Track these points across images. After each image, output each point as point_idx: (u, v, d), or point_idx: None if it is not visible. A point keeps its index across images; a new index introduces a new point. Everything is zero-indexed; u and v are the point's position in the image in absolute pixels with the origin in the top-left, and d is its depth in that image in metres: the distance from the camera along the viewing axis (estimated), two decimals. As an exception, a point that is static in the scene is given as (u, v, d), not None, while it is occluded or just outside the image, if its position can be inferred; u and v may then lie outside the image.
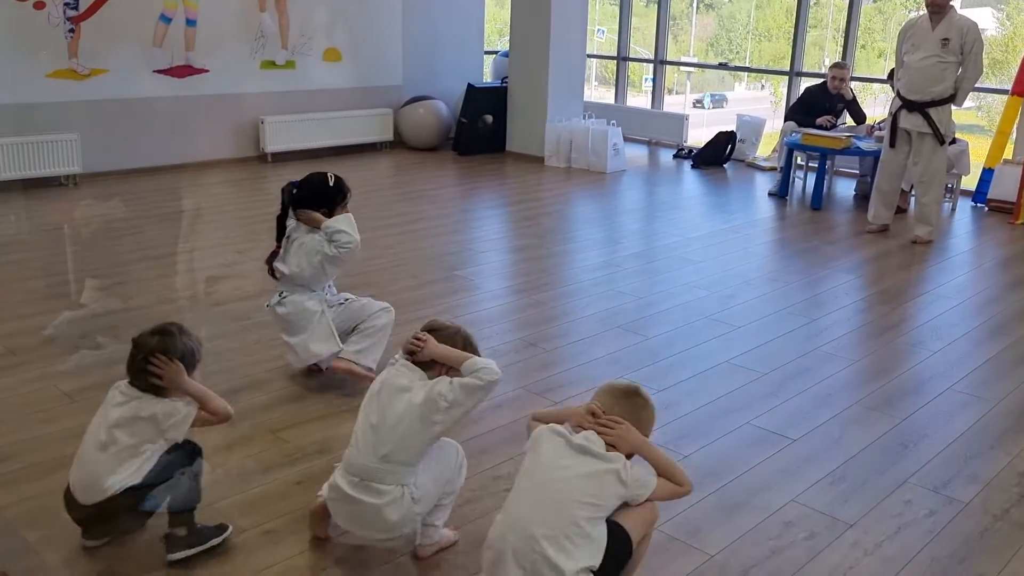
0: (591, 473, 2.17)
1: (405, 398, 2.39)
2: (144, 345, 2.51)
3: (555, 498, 2.14)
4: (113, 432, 2.47)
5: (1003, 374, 4.07)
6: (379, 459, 2.39)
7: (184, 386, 2.52)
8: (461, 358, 2.43)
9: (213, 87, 7.96)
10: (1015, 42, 12.86)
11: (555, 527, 2.10)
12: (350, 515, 2.48)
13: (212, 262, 5.34)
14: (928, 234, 6.29)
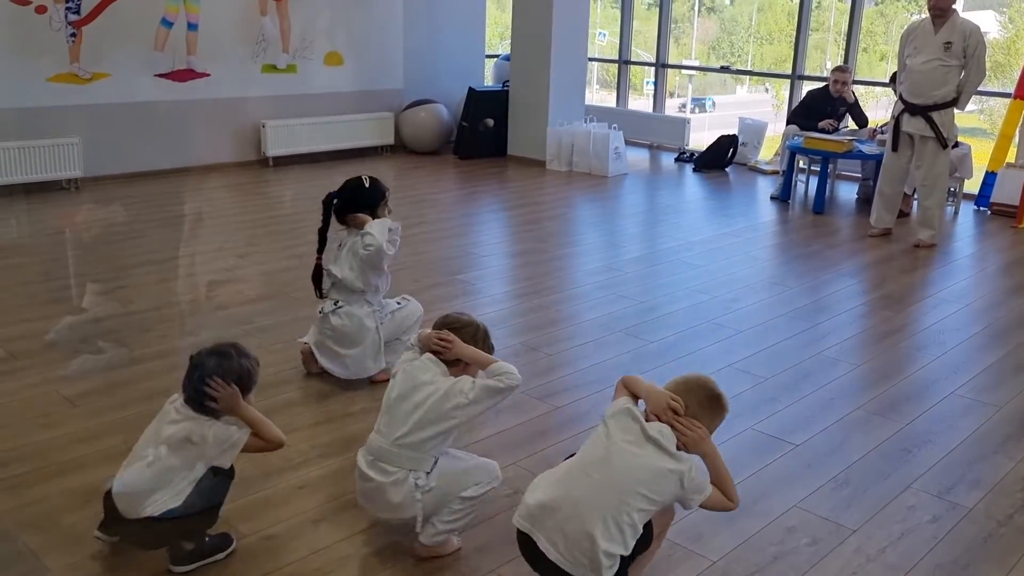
0: (658, 468, 2.20)
1: (426, 390, 2.49)
2: (201, 365, 2.48)
3: (616, 481, 2.18)
4: (161, 450, 2.44)
5: (1005, 379, 4.06)
6: (391, 442, 2.50)
7: (239, 411, 2.49)
8: (486, 361, 2.56)
9: (214, 91, 7.97)
10: (1017, 45, 12.85)
11: (608, 509, 2.15)
12: (363, 491, 2.59)
13: (213, 267, 5.34)
14: (930, 238, 6.28)
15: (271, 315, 4.53)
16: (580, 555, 2.15)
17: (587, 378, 3.90)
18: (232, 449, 2.47)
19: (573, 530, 2.15)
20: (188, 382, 2.49)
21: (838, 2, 13.18)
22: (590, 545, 2.13)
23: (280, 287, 4.96)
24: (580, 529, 2.14)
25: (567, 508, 2.18)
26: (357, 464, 2.58)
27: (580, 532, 2.14)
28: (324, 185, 7.56)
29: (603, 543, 2.13)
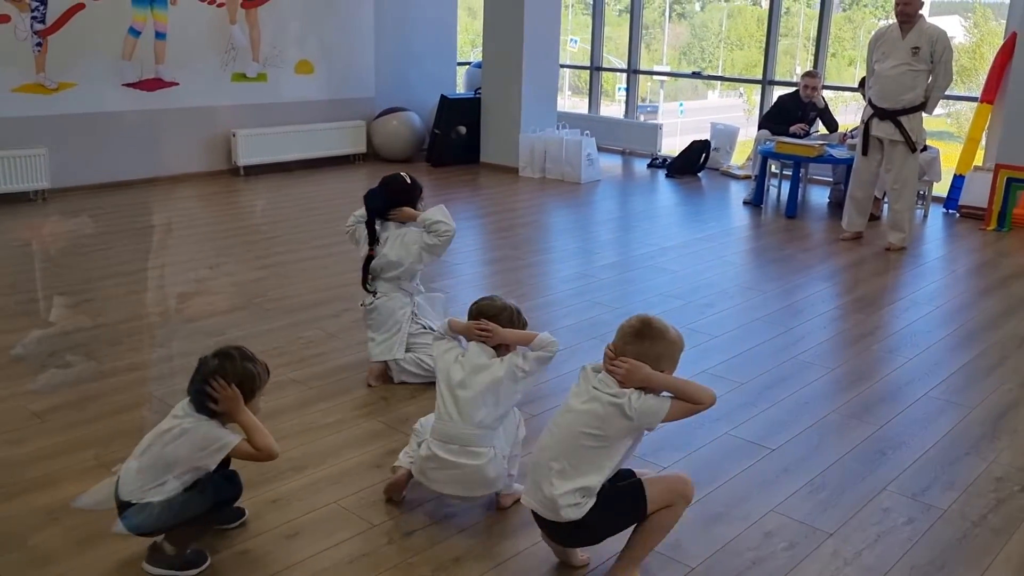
0: (594, 408, 2.41)
1: (487, 373, 2.75)
2: (204, 366, 2.51)
3: (567, 423, 2.45)
4: (156, 441, 2.47)
5: (977, 380, 4.09)
6: (474, 426, 2.72)
7: (237, 414, 2.48)
8: (529, 338, 2.80)
9: (184, 100, 7.89)
10: (982, 49, 13.03)
11: (561, 454, 2.41)
12: (451, 478, 2.76)
13: (184, 278, 5.28)
14: (901, 241, 6.34)
15: (243, 326, 4.47)
16: (543, 496, 2.41)
17: (562, 385, 3.88)
18: (218, 452, 2.45)
19: (540, 474, 2.43)
20: (192, 383, 2.50)
21: (806, 8, 13.31)
22: (548, 483, 2.40)
23: (252, 298, 4.91)
24: (543, 469, 2.42)
25: (538, 458, 2.48)
26: (434, 454, 2.74)
27: (543, 472, 2.42)
28: (296, 194, 7.59)
29: (555, 477, 2.39)
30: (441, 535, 2.76)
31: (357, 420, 3.51)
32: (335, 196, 7.70)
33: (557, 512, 2.38)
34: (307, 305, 4.83)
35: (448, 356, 2.83)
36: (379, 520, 2.82)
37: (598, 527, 2.45)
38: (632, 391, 2.40)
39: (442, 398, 2.79)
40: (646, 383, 2.42)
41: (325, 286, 5.18)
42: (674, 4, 18.10)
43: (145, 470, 2.44)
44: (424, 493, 2.97)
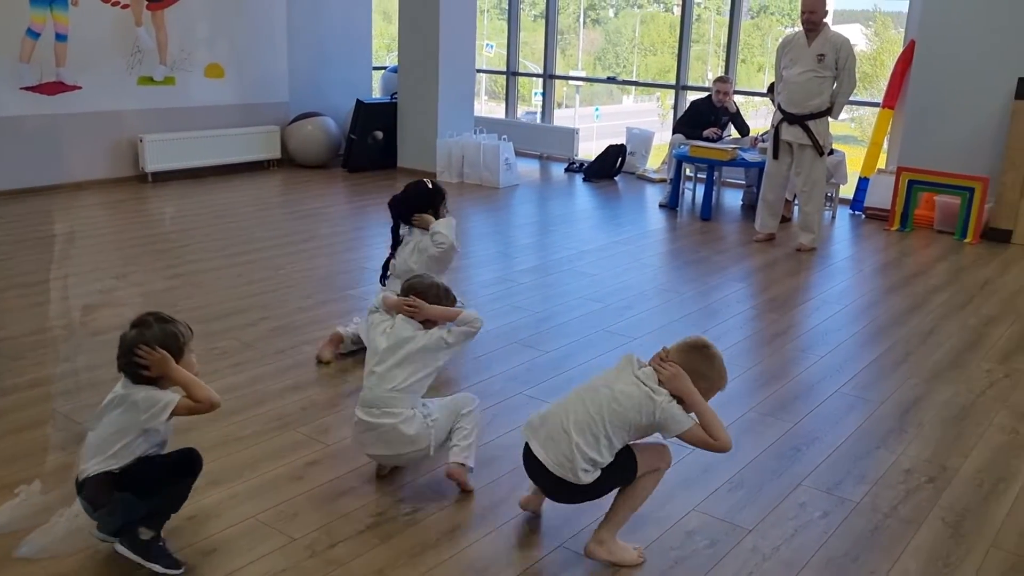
0: (632, 393, 2.58)
1: (411, 345, 2.94)
2: (124, 339, 2.53)
3: (597, 399, 2.60)
4: (99, 416, 2.52)
5: (885, 375, 4.23)
6: (388, 391, 2.92)
7: (171, 373, 2.51)
8: (454, 315, 3.01)
9: (87, 104, 7.62)
10: (883, 57, 13.54)
11: (586, 418, 2.57)
12: (376, 439, 2.95)
13: (89, 289, 5.08)
14: (811, 241, 6.53)
15: (153, 338, 4.32)
16: (562, 456, 2.57)
17: (485, 391, 3.86)
18: (162, 412, 2.47)
19: (556, 432, 2.59)
20: (119, 359, 2.54)
21: (716, 15, 13.62)
22: (568, 444, 2.55)
23: (161, 308, 4.73)
24: (561, 430, 2.58)
25: (556, 417, 2.63)
26: (359, 419, 2.95)
27: (560, 433, 2.58)
28: (207, 201, 7.39)
29: (578, 441, 2.54)
30: (363, 548, 2.71)
31: (276, 431, 3.42)
32: (248, 203, 7.53)
33: (575, 473, 2.56)
34: (221, 315, 4.70)
35: (377, 329, 3.02)
36: (300, 534, 2.76)
37: (597, 487, 2.63)
38: (667, 394, 2.57)
39: (368, 365, 2.99)
40: (683, 394, 2.58)
41: (240, 295, 5.05)
42: (588, 10, 18.30)
43: (98, 442, 2.49)
44: (345, 504, 2.92)
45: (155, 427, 2.50)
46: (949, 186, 7.09)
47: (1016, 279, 5.94)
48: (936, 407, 3.87)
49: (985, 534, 2.90)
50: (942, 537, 2.88)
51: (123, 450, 2.48)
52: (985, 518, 3.00)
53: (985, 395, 4.02)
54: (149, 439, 2.52)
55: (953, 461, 3.38)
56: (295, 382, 3.88)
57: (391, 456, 3.00)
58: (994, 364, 4.40)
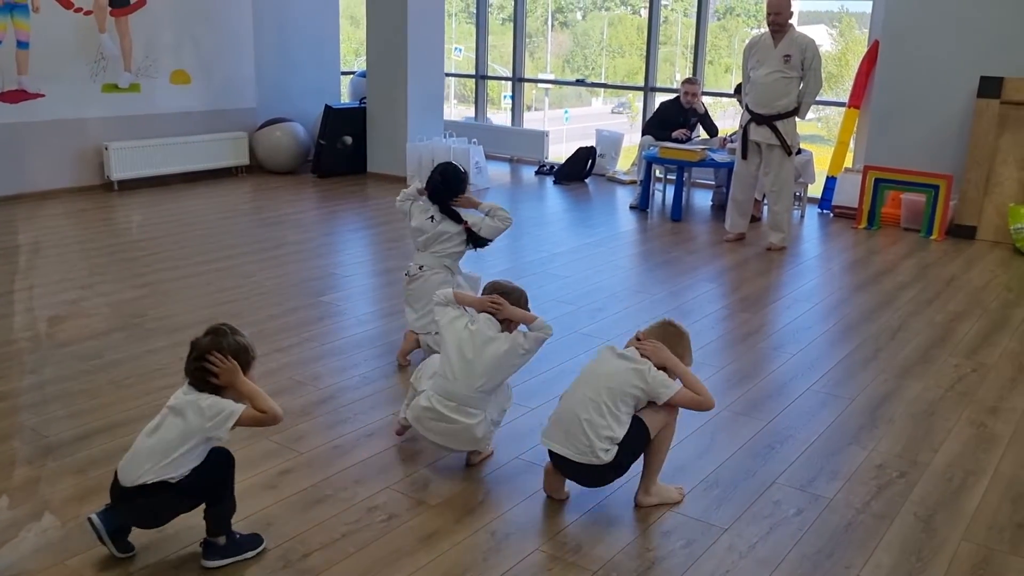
0: (620, 368, 2.91)
1: (493, 346, 3.08)
2: (198, 345, 2.58)
3: (592, 383, 2.91)
4: (164, 420, 2.54)
5: (856, 372, 4.27)
6: (475, 390, 3.07)
7: (238, 385, 2.56)
8: (531, 319, 3.17)
9: (50, 112, 7.51)
10: (847, 57, 13.69)
11: (589, 402, 2.86)
12: (443, 431, 3.10)
13: (55, 300, 5.00)
14: (781, 241, 6.58)
15: (121, 348, 4.27)
16: (582, 445, 2.83)
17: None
18: (227, 420, 2.51)
19: (571, 426, 2.85)
20: (188, 364, 2.58)
21: (683, 17, 13.71)
22: (582, 430, 2.82)
23: (130, 318, 4.69)
24: (574, 420, 2.85)
25: (565, 414, 2.91)
26: (432, 407, 3.08)
27: (575, 423, 2.85)
28: (175, 209, 7.32)
29: (591, 426, 2.82)
30: (338, 556, 2.69)
31: (249, 440, 3.38)
32: (217, 210, 7.46)
33: (597, 455, 2.82)
34: (191, 324, 4.64)
35: (458, 323, 3.16)
36: (274, 543, 2.73)
37: (621, 462, 2.88)
38: (652, 364, 2.91)
39: (448, 359, 3.11)
40: (666, 362, 2.94)
41: (210, 303, 5.00)
42: (556, 13, 18.35)
43: (153, 449, 2.49)
44: (320, 513, 2.89)
45: (218, 435, 2.52)
46: (914, 184, 7.19)
47: (981, 275, 6.03)
48: (906, 403, 3.92)
49: (956, 528, 2.93)
50: (914, 531, 2.91)
51: (182, 457, 2.49)
52: (956, 512, 3.03)
53: (953, 390, 4.07)
54: (208, 444, 2.54)
55: (923, 456, 3.42)
56: (266, 390, 3.80)
57: (451, 448, 3.18)
58: (961, 359, 4.46)
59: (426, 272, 4.13)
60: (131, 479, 2.49)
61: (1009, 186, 6.99)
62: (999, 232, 6.95)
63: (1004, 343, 4.70)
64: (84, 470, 3.12)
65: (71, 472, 3.11)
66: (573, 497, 3.05)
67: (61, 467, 3.14)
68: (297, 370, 4.08)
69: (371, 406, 3.72)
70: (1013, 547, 2.84)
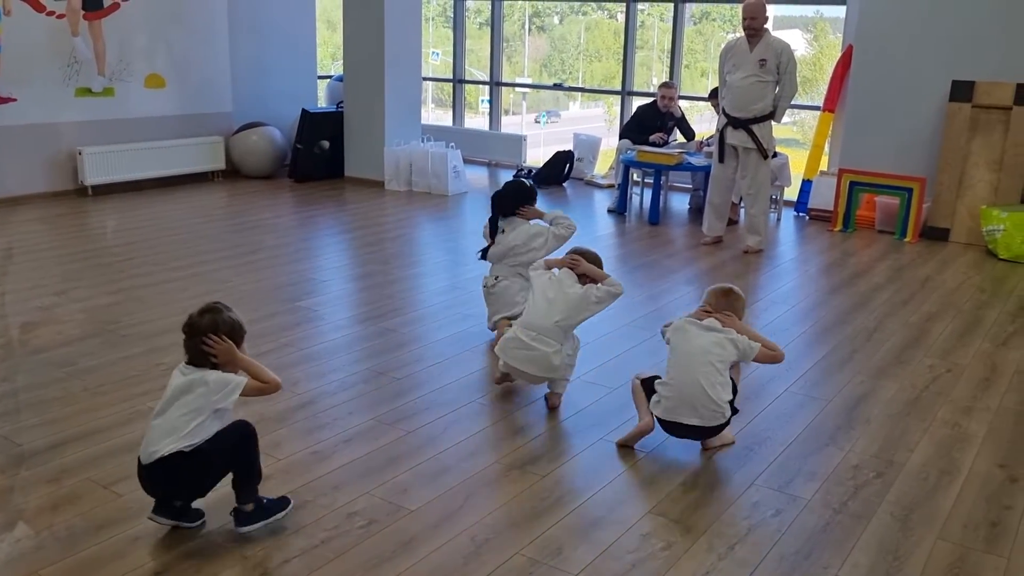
0: (715, 340, 3.36)
1: (570, 291, 3.68)
2: (196, 326, 2.75)
3: (699, 358, 3.32)
4: (170, 402, 2.69)
5: (832, 374, 4.30)
6: (553, 323, 3.65)
7: (237, 361, 2.75)
8: (604, 276, 3.76)
9: (22, 117, 7.43)
10: (822, 61, 13.81)
11: (706, 375, 3.28)
12: (525, 358, 3.66)
13: (28, 306, 4.94)
14: (758, 243, 6.62)
15: (96, 355, 4.22)
16: (708, 411, 3.28)
17: (438, 399, 3.85)
18: (232, 393, 2.69)
19: (695, 398, 3.28)
20: (188, 345, 2.75)
21: (660, 22, 13.78)
22: (709, 399, 3.27)
23: (104, 324, 4.64)
24: (700, 394, 3.28)
25: (687, 388, 3.30)
26: (516, 337, 3.66)
27: (700, 396, 3.28)
28: (150, 214, 7.26)
29: (714, 393, 3.27)
30: (317, 562, 2.67)
31: (224, 447, 3.36)
32: (192, 215, 7.40)
33: (723, 415, 3.33)
34: (166, 330, 4.60)
35: (543, 276, 3.80)
36: (252, 551, 2.71)
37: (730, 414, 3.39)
38: (734, 332, 3.37)
39: (534, 301, 3.75)
40: (742, 329, 3.41)
41: (186, 308, 4.89)
42: (534, 17, 18.39)
43: (169, 426, 2.65)
44: (298, 519, 2.87)
45: (226, 407, 2.69)
46: (888, 187, 7.26)
47: (954, 276, 6.10)
48: (882, 403, 3.95)
49: (932, 526, 2.96)
50: (891, 531, 2.93)
51: (196, 430, 2.65)
52: (931, 511, 3.06)
53: (928, 390, 4.11)
54: (220, 419, 2.70)
55: (900, 456, 3.45)
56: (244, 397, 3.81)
57: (533, 376, 3.69)
58: (936, 359, 4.50)
59: (501, 282, 4.54)
60: (148, 456, 2.66)
61: (981, 188, 7.07)
62: (972, 234, 7.03)
63: (977, 343, 4.75)
64: (58, 479, 3.08)
65: (44, 481, 3.07)
66: (553, 500, 3.05)
67: (34, 476, 3.10)
68: (275, 376, 4.05)
69: (349, 411, 3.70)
70: (988, 545, 2.87)
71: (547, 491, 3.10)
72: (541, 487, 3.14)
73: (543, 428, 3.61)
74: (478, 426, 3.61)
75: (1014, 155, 6.90)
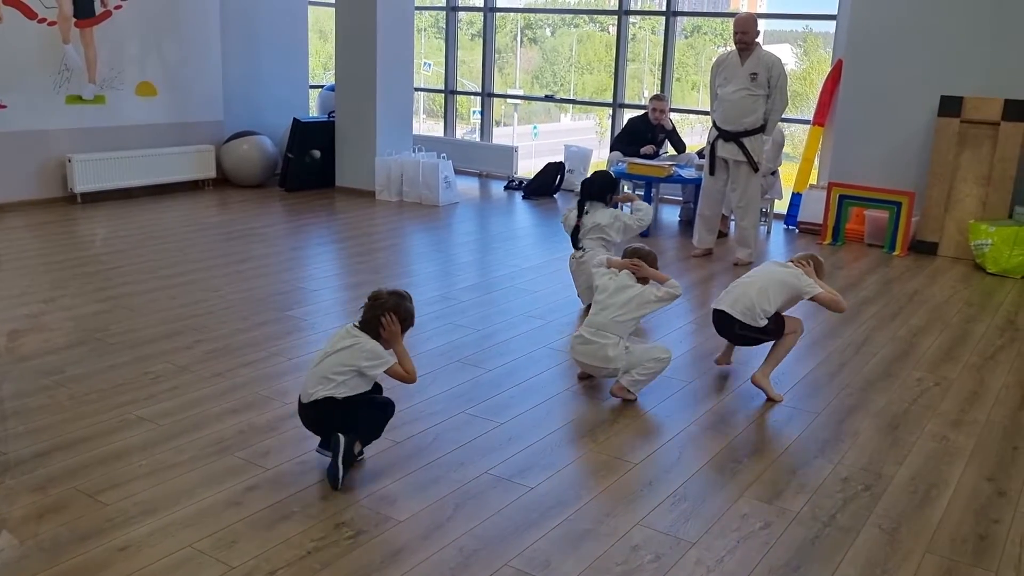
0: (784, 270, 4.19)
1: (629, 291, 4.11)
2: (381, 301, 3.23)
3: (764, 275, 4.19)
4: (329, 353, 3.19)
5: (821, 387, 4.31)
6: (611, 320, 4.06)
7: (396, 344, 3.24)
8: (665, 278, 4.18)
9: (12, 124, 7.40)
10: (812, 76, 13.89)
11: (758, 287, 4.11)
12: (585, 351, 4.10)
13: (15, 314, 4.91)
14: (748, 256, 6.64)
15: (83, 363, 4.20)
16: (747, 309, 4.06)
17: (427, 410, 3.84)
18: (380, 364, 3.18)
19: (743, 297, 4.09)
20: (367, 312, 3.24)
21: (651, 35, 13.84)
22: (752, 302, 4.05)
23: (92, 332, 4.62)
24: (746, 295, 4.09)
25: (741, 288, 4.15)
26: (580, 335, 4.13)
27: (747, 298, 4.08)
28: (139, 222, 7.24)
29: (757, 300, 4.05)
30: (303, 573, 2.65)
31: (212, 456, 3.34)
32: (182, 223, 7.38)
33: (755, 319, 4.04)
34: (155, 338, 4.59)
35: (605, 276, 4.22)
36: (238, 562, 2.69)
37: (766, 331, 4.09)
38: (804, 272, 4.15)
39: (597, 300, 4.17)
40: (815, 278, 4.17)
41: (175, 317, 4.94)
42: (526, 29, 18.46)
43: (323, 375, 3.16)
44: (285, 530, 2.86)
45: (370, 373, 3.19)
46: (878, 200, 7.29)
47: (943, 290, 6.12)
48: (871, 416, 3.96)
49: (920, 540, 2.96)
50: (879, 544, 2.93)
51: (342, 384, 3.14)
52: (920, 524, 3.06)
53: (917, 403, 4.12)
54: (363, 380, 3.19)
55: (888, 469, 3.46)
56: (233, 406, 3.80)
57: (591, 367, 4.12)
58: (924, 373, 4.52)
59: (588, 253, 5.17)
60: (306, 397, 3.19)
61: (969, 203, 7.12)
62: (960, 248, 7.07)
63: (965, 357, 4.77)
64: (43, 487, 3.06)
65: (29, 490, 3.04)
66: (542, 511, 3.04)
67: (19, 484, 3.08)
68: (263, 385, 4.04)
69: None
70: (976, 558, 2.87)
71: (536, 502, 3.10)
72: (530, 498, 3.13)
73: (532, 439, 3.60)
74: (467, 437, 3.60)
75: (1002, 170, 6.95)
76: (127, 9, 8.05)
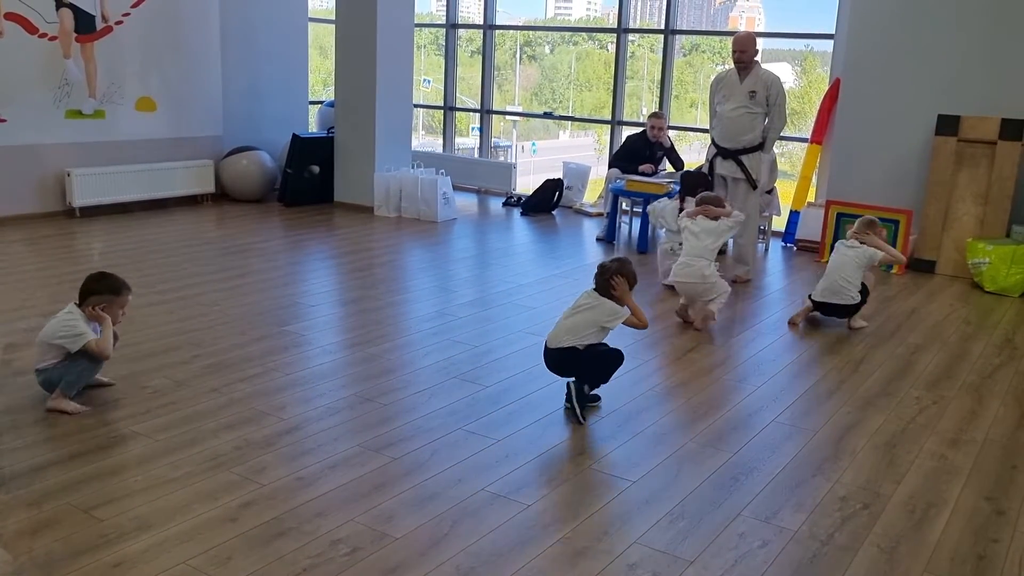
0: (856, 251, 5.43)
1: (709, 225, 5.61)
2: (606, 268, 4.03)
3: (842, 262, 5.44)
4: (575, 311, 4.02)
5: (819, 404, 4.31)
6: (703, 247, 5.50)
7: (628, 300, 4.02)
8: (727, 213, 5.71)
9: (12, 138, 7.41)
10: (810, 95, 13.96)
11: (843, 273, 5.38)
12: (685, 272, 5.43)
13: (13, 328, 4.90)
14: (746, 273, 6.64)
15: (80, 377, 4.18)
16: (841, 290, 5.37)
17: (425, 426, 3.83)
18: (616, 320, 3.97)
19: (835, 285, 5.40)
20: (598, 279, 4.03)
21: (650, 53, 13.91)
22: (848, 284, 5.36)
23: (90, 346, 4.59)
24: (839, 281, 5.39)
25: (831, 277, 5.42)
26: (682, 262, 5.49)
27: (839, 283, 5.39)
28: (138, 236, 7.24)
29: (848, 284, 5.36)
30: (300, 590, 2.64)
31: (209, 472, 3.33)
32: (181, 238, 7.38)
33: (852, 298, 5.39)
34: (152, 353, 4.58)
35: (688, 221, 5.62)
36: (233, 578, 2.67)
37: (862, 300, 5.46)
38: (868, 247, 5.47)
39: (686, 239, 5.59)
40: (879, 246, 5.48)
41: (172, 332, 4.93)
42: (525, 46, 18.56)
43: (571, 328, 3.96)
44: (281, 546, 2.84)
45: (609, 327, 3.98)
46: (875, 219, 7.29)
47: (940, 308, 6.13)
48: (869, 434, 3.95)
49: (919, 559, 2.95)
50: (878, 563, 2.92)
51: (585, 337, 3.94)
52: (918, 543, 3.05)
53: (915, 422, 4.12)
54: (601, 333, 3.98)
55: (886, 488, 3.45)
56: (229, 421, 3.79)
57: (692, 284, 5.39)
58: (922, 391, 4.52)
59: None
60: (555, 344, 3.98)
61: (967, 221, 7.13)
62: (958, 266, 7.08)
63: (964, 376, 4.77)
64: (38, 503, 3.04)
65: (24, 505, 3.03)
66: (538, 529, 3.02)
67: (14, 499, 3.06)
68: (260, 400, 4.03)
69: (335, 437, 3.68)
70: (975, 579, 2.86)
71: (533, 520, 3.08)
72: (527, 515, 3.12)
73: (530, 456, 3.59)
74: (464, 453, 3.59)
75: (999, 189, 6.97)
76: (128, 25, 8.08)
